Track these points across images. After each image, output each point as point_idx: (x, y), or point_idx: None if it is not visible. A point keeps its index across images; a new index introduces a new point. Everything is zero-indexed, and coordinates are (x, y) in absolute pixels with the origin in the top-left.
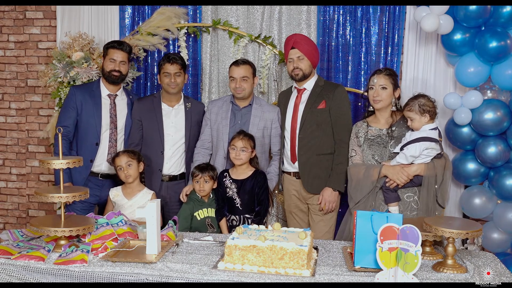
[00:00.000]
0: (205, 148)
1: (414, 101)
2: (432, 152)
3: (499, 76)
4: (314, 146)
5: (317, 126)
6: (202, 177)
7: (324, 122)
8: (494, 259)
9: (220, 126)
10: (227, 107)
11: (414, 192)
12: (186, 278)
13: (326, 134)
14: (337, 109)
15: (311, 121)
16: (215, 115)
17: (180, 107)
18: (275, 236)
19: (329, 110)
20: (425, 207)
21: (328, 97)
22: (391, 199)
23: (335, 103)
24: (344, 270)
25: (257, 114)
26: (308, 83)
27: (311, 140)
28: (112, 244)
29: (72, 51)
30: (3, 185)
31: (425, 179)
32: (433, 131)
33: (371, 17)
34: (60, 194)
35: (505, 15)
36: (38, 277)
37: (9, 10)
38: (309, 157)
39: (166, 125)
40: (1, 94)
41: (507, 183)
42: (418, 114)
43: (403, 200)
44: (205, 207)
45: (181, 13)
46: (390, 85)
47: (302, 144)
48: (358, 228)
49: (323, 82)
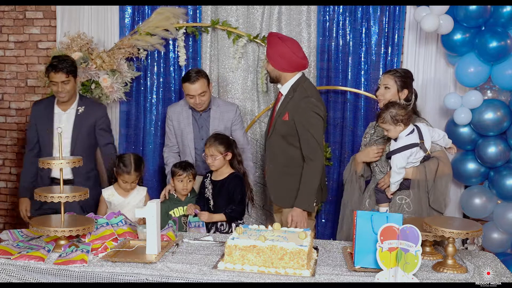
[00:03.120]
0: (175, 152)
1: (385, 112)
2: (419, 155)
3: (499, 76)
4: (280, 157)
5: (282, 137)
6: (187, 176)
7: (289, 135)
8: (494, 259)
9: (184, 132)
10: (187, 113)
11: (407, 195)
12: (186, 278)
13: (293, 146)
14: (301, 124)
15: (276, 132)
16: (177, 122)
17: (71, 111)
18: (275, 236)
19: (294, 123)
20: (418, 210)
21: (291, 109)
22: (382, 200)
23: (299, 116)
24: (344, 270)
25: (216, 116)
26: (283, 88)
27: (276, 151)
28: (112, 244)
29: (70, 51)
30: (3, 185)
31: (413, 183)
32: (411, 136)
33: (371, 17)
34: (60, 194)
35: (505, 15)
36: (38, 277)
37: (9, 10)
38: (275, 168)
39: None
40: (1, 94)
41: (507, 183)
42: (392, 125)
43: (395, 202)
44: (181, 206)
45: (180, 13)
46: (395, 85)
47: (269, 153)
48: (358, 228)
49: (298, 88)
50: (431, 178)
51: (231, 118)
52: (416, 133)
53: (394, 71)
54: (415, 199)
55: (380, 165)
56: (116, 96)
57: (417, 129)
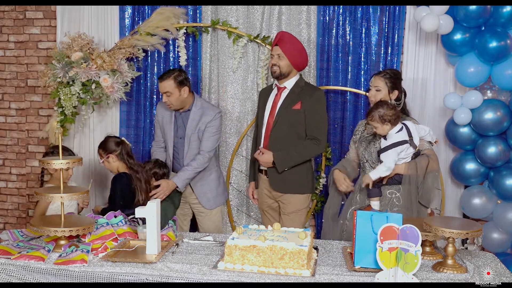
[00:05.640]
0: (161, 147)
1: (374, 111)
2: (409, 151)
3: (499, 76)
4: (285, 146)
5: (290, 126)
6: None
7: (298, 124)
8: (494, 259)
9: (165, 129)
10: (171, 111)
11: (397, 189)
12: (186, 278)
13: (298, 136)
14: (312, 112)
15: (284, 121)
16: (161, 118)
17: None
18: (275, 236)
19: (304, 111)
20: (407, 204)
21: (305, 98)
22: (373, 194)
23: (311, 105)
24: (344, 270)
25: (195, 118)
26: (288, 82)
27: (282, 140)
28: (112, 244)
29: (71, 51)
30: (3, 185)
31: (405, 178)
32: (400, 133)
33: (371, 17)
34: (60, 194)
35: (505, 15)
36: (38, 277)
37: (9, 10)
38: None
39: None
40: (1, 94)
41: (507, 183)
42: (379, 123)
43: (385, 196)
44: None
45: (180, 13)
46: (385, 86)
47: (273, 142)
48: (358, 228)
49: (304, 83)
50: (422, 173)
51: (206, 122)
52: (405, 131)
53: (384, 73)
54: (404, 193)
55: (371, 161)
56: (116, 96)
57: (405, 127)
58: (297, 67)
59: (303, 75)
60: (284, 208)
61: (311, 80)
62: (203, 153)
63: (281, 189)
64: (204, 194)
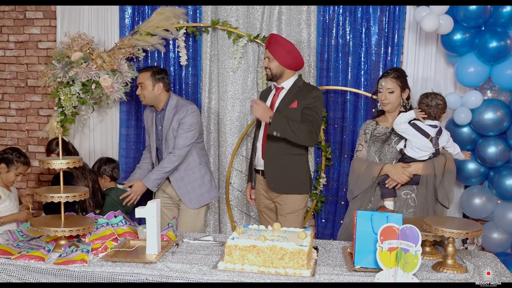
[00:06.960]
0: (149, 151)
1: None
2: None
3: (499, 76)
4: (282, 145)
5: None
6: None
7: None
8: (494, 259)
9: (149, 132)
10: (152, 113)
11: (412, 190)
12: (186, 278)
13: None
14: (308, 108)
15: None
16: (146, 121)
17: None
18: (275, 236)
19: (300, 109)
20: (422, 205)
21: (302, 97)
22: (387, 194)
23: (307, 103)
24: (344, 270)
25: (169, 116)
26: (286, 83)
27: (280, 139)
28: (112, 244)
29: (71, 51)
30: None
31: (423, 178)
32: (431, 128)
33: (371, 17)
34: (60, 194)
35: (505, 15)
36: (38, 277)
37: (9, 10)
38: (275, 155)
39: None
40: (1, 94)
41: (507, 183)
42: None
43: (400, 197)
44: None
45: (180, 13)
46: (398, 87)
47: (270, 142)
48: (358, 228)
49: (302, 83)
50: (440, 173)
51: (179, 119)
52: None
53: (392, 73)
54: (420, 194)
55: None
56: (116, 96)
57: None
58: (290, 67)
59: (303, 75)
60: (281, 209)
61: (311, 80)
62: (173, 151)
63: (277, 190)
64: (187, 194)
